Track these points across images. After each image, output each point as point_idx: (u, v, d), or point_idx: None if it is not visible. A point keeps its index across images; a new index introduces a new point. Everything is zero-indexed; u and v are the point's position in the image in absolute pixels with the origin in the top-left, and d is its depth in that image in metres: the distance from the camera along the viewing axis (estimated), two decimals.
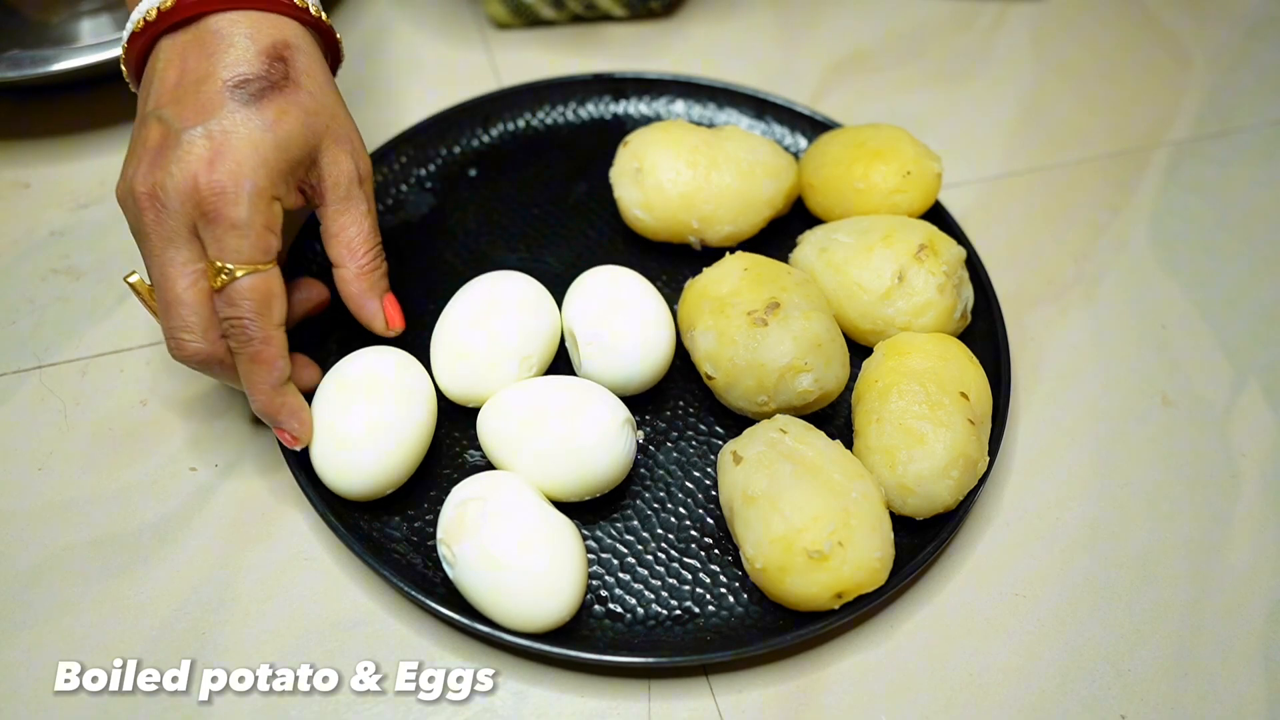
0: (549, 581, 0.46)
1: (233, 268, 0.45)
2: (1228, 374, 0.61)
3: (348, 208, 0.50)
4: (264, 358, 0.47)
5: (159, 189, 0.45)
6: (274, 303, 0.47)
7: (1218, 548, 0.54)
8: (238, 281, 0.46)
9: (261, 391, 0.48)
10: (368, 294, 0.52)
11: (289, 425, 0.49)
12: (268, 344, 0.47)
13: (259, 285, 0.46)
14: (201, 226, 0.45)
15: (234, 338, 0.47)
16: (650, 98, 0.69)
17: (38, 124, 0.68)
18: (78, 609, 0.49)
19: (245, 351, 0.47)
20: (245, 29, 0.47)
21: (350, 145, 0.50)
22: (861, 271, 0.56)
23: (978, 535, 0.54)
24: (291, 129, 0.47)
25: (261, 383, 0.48)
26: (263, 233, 0.46)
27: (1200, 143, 0.73)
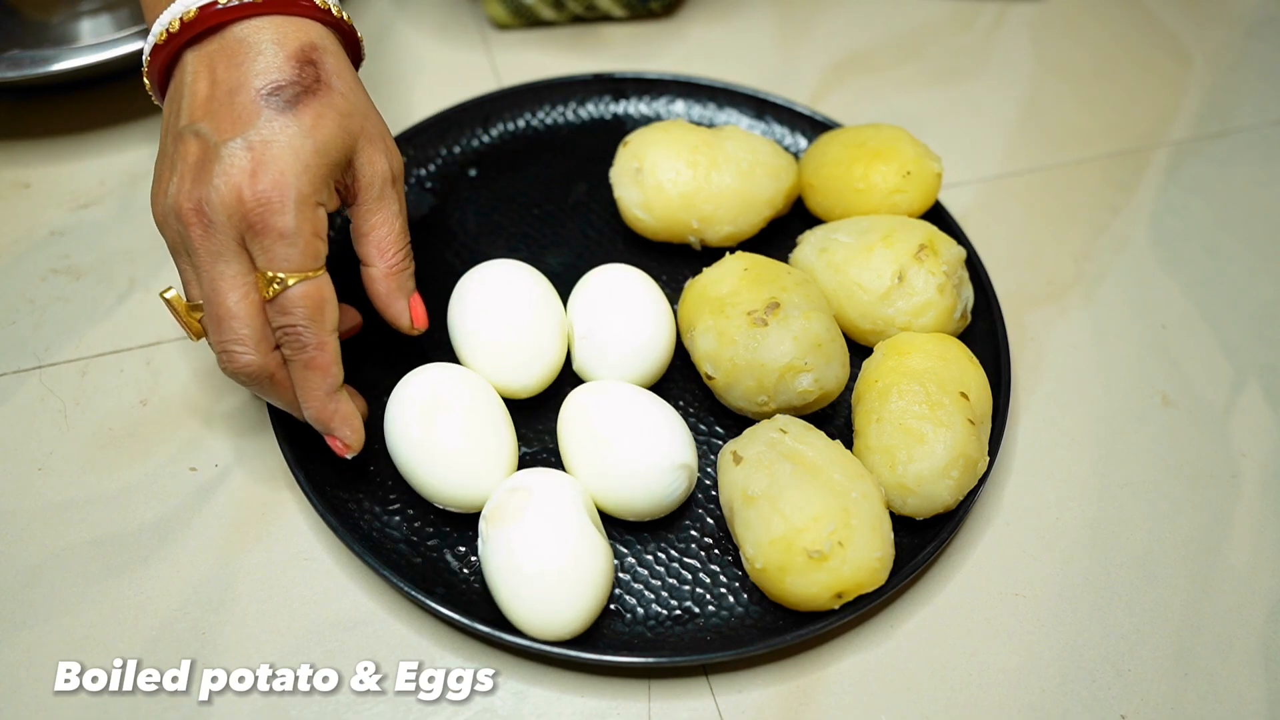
0: (562, 594, 0.46)
1: (284, 277, 0.45)
2: (1228, 374, 0.61)
3: (380, 207, 0.50)
4: (318, 364, 0.47)
5: (205, 204, 0.45)
6: (326, 308, 0.47)
7: (1218, 548, 0.54)
8: (290, 290, 0.46)
9: (316, 398, 0.48)
10: (396, 294, 0.51)
11: (341, 433, 0.49)
12: (322, 350, 0.47)
13: (311, 292, 0.46)
14: (249, 239, 0.45)
15: (288, 345, 0.47)
16: (650, 98, 0.69)
17: (38, 124, 0.68)
18: (78, 609, 0.49)
19: (300, 359, 0.47)
20: (271, 35, 0.47)
21: (384, 144, 0.50)
22: (861, 271, 0.56)
23: (978, 535, 0.54)
24: (330, 132, 0.46)
25: (316, 389, 0.48)
26: (311, 239, 0.46)
27: (1200, 143, 0.73)
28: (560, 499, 0.48)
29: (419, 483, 0.50)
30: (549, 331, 0.54)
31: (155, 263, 0.62)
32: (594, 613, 0.47)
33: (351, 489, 0.52)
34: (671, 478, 0.50)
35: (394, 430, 0.51)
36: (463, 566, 0.50)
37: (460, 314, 0.55)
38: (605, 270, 0.57)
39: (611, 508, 0.51)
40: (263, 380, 0.47)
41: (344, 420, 0.49)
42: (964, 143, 0.72)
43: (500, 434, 0.51)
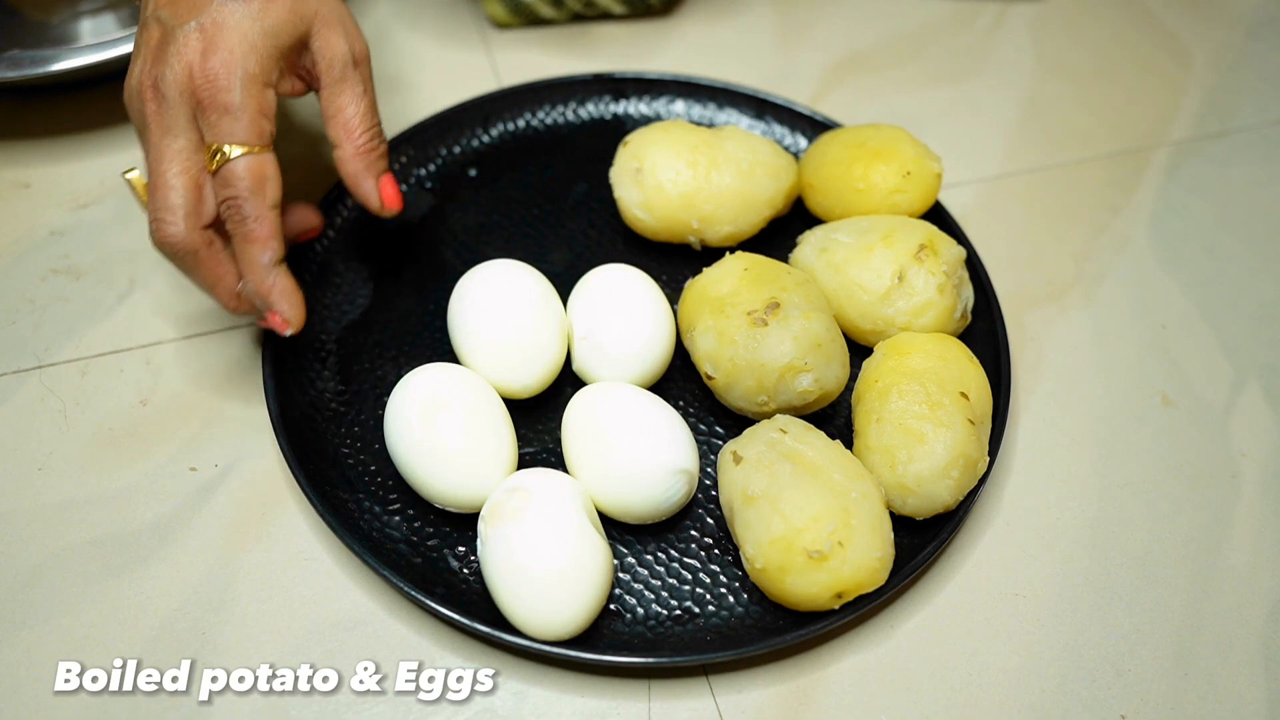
0: (562, 594, 0.46)
1: (228, 149, 0.47)
2: (1228, 374, 0.61)
3: (343, 89, 0.52)
4: (257, 236, 0.49)
5: (159, 81, 0.48)
6: (268, 184, 0.48)
7: (1218, 548, 0.54)
8: (232, 162, 0.48)
9: (255, 271, 0.49)
10: (364, 174, 0.53)
11: (280, 306, 0.50)
12: (260, 223, 0.48)
13: (253, 166, 0.48)
14: (199, 115, 0.48)
15: (230, 219, 0.48)
16: (650, 98, 0.69)
17: (38, 124, 0.68)
18: (78, 609, 0.49)
19: (241, 230, 0.48)
20: None
21: (343, 27, 0.52)
22: (861, 271, 0.56)
23: (978, 535, 0.54)
24: (279, 16, 0.49)
25: (255, 262, 0.49)
26: (256, 117, 0.48)
27: (1200, 143, 0.73)
28: (560, 499, 0.48)
29: (419, 483, 0.50)
30: (549, 331, 0.54)
31: (155, 262, 0.62)
32: (594, 613, 0.47)
33: (351, 489, 0.52)
34: (672, 482, 0.50)
35: (394, 430, 0.51)
36: (462, 567, 0.50)
37: (460, 314, 0.55)
38: (605, 270, 0.57)
39: (612, 510, 0.51)
40: (186, 255, 0.49)
41: (282, 294, 0.50)
42: (964, 143, 0.72)
43: (500, 434, 0.51)
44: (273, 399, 0.53)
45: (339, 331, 0.58)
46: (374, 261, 0.61)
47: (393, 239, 0.63)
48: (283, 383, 0.54)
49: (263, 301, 0.50)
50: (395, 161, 0.65)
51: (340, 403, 0.56)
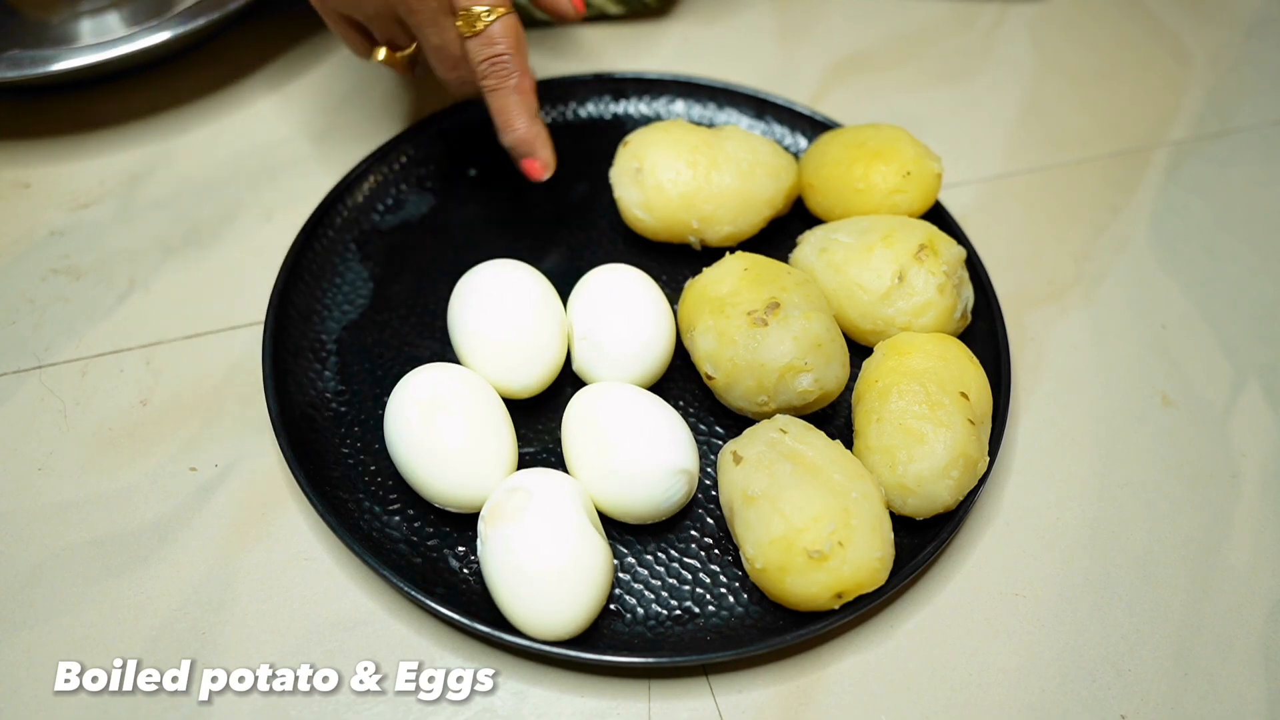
0: (562, 594, 0.46)
1: (487, 11, 0.53)
2: (1228, 374, 0.61)
3: None
4: (525, 87, 0.55)
5: None
6: (523, 40, 0.55)
7: (1218, 548, 0.54)
8: (495, 23, 0.53)
9: (522, 118, 0.55)
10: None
11: (544, 154, 0.56)
12: (526, 75, 0.55)
13: (512, 24, 0.54)
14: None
15: (495, 74, 0.54)
16: (650, 98, 0.69)
17: (38, 124, 0.68)
18: (78, 609, 0.49)
19: (509, 84, 0.55)
20: None
21: None
22: (861, 271, 0.56)
23: (978, 535, 0.54)
24: None
25: (523, 112, 0.55)
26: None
27: (1200, 143, 0.73)
28: (560, 499, 0.48)
29: (419, 483, 0.50)
30: (549, 331, 0.54)
31: (155, 262, 0.62)
32: (593, 613, 0.47)
33: (351, 489, 0.52)
34: (672, 482, 0.50)
35: (394, 430, 0.51)
36: (462, 567, 0.50)
37: (460, 314, 0.55)
38: (605, 270, 0.57)
39: (612, 510, 0.51)
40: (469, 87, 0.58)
41: (545, 142, 0.57)
42: (964, 143, 0.72)
43: (500, 434, 0.51)
44: (273, 399, 0.53)
45: (339, 331, 0.58)
46: (374, 261, 0.61)
47: (393, 239, 0.63)
48: (283, 383, 0.54)
49: (529, 149, 0.56)
50: (395, 162, 0.65)
51: (340, 403, 0.56)
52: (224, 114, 0.69)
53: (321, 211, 0.61)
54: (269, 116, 0.70)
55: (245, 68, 0.72)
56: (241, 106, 0.70)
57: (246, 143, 0.68)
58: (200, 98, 0.70)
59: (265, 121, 0.69)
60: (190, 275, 0.62)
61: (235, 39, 0.73)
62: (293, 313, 0.58)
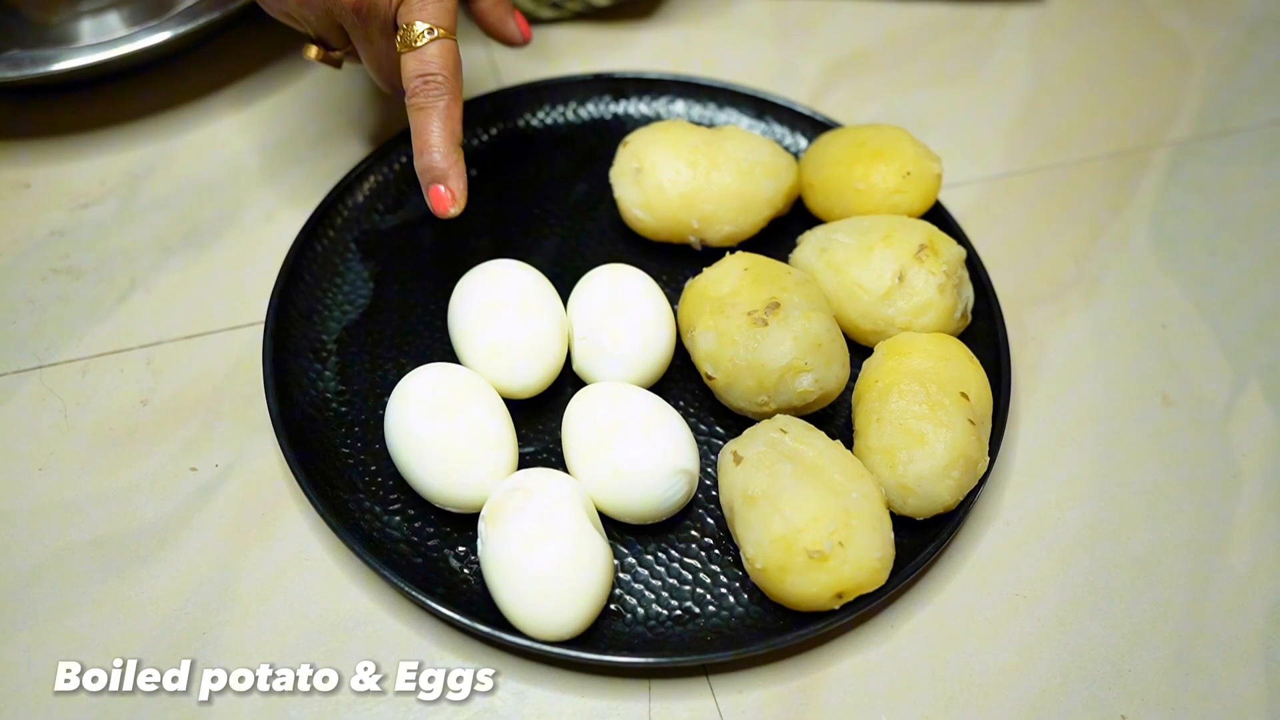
0: (562, 594, 0.46)
1: (428, 30, 0.52)
2: (1228, 374, 0.61)
3: None
4: (451, 113, 0.52)
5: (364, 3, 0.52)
6: (459, 67, 0.53)
7: (1218, 548, 0.54)
8: (431, 44, 0.52)
9: (441, 146, 0.52)
10: (506, 16, 0.61)
11: (454, 185, 0.53)
12: (456, 101, 0.53)
13: (450, 48, 0.53)
14: (404, 1, 0.52)
15: (423, 93, 0.52)
16: (650, 98, 0.69)
17: (38, 124, 0.68)
18: (78, 609, 0.49)
19: (434, 105, 0.52)
20: None
21: None
22: (861, 271, 0.56)
23: (978, 535, 0.54)
24: None
25: (444, 137, 0.52)
26: (454, 4, 0.53)
27: (1200, 143, 0.73)
28: (560, 499, 0.48)
29: (419, 483, 0.50)
30: (549, 331, 0.54)
31: (155, 262, 0.62)
32: (594, 613, 0.47)
33: (352, 489, 0.52)
34: (672, 482, 0.50)
35: (394, 430, 0.51)
36: (463, 566, 0.50)
37: (460, 314, 0.55)
38: (605, 270, 0.57)
39: (612, 510, 0.51)
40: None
41: (459, 174, 0.53)
42: (964, 143, 0.72)
43: (500, 434, 0.51)
44: (273, 399, 0.53)
45: (339, 331, 0.58)
46: (374, 261, 0.61)
47: (393, 239, 0.63)
48: (283, 383, 0.54)
49: (440, 176, 0.53)
50: (396, 162, 0.65)
51: (340, 403, 0.56)
52: (224, 114, 0.69)
53: (321, 211, 0.61)
54: (269, 116, 0.70)
55: (246, 68, 0.72)
56: (242, 106, 0.70)
57: (246, 143, 0.68)
58: (200, 98, 0.70)
59: (265, 121, 0.69)
60: (190, 275, 0.62)
61: (236, 39, 0.73)
62: (293, 313, 0.57)
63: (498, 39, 0.62)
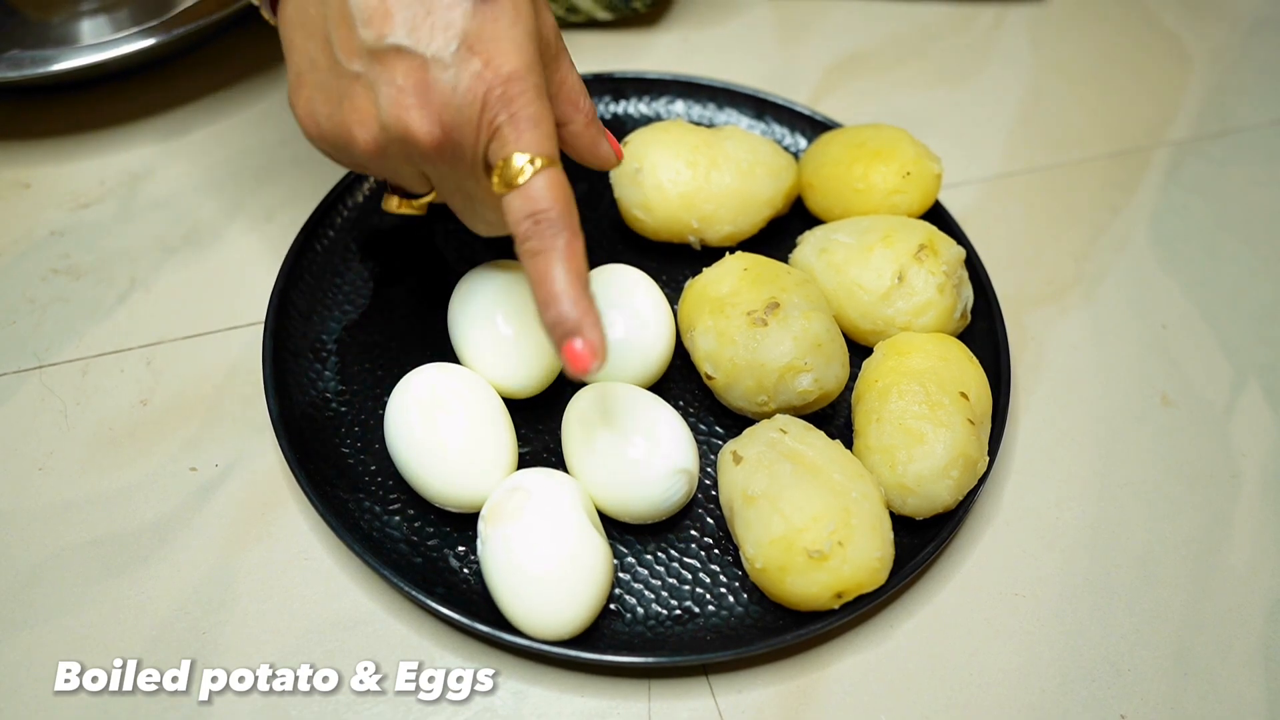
0: (562, 594, 0.46)
1: (529, 161, 0.43)
2: (1228, 374, 0.61)
3: (561, 61, 0.48)
4: (574, 253, 0.43)
5: (449, 127, 0.43)
6: (572, 198, 0.44)
7: (1218, 547, 0.54)
8: (539, 175, 0.43)
9: (570, 294, 0.42)
10: (598, 138, 0.50)
11: (591, 335, 0.43)
12: (576, 237, 0.43)
13: (558, 178, 0.43)
14: (495, 137, 0.43)
15: (538, 236, 0.43)
16: (650, 98, 0.69)
17: (38, 124, 0.68)
18: (78, 609, 0.49)
19: (557, 245, 0.43)
20: None
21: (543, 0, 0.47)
22: (861, 271, 0.56)
23: (978, 535, 0.54)
24: (526, 9, 0.43)
25: (572, 284, 0.43)
26: (552, 126, 0.44)
27: (1200, 143, 0.73)
28: (559, 499, 0.48)
29: (419, 483, 0.50)
30: None
31: (155, 262, 0.62)
32: (593, 613, 0.47)
33: (352, 489, 0.52)
34: (672, 482, 0.50)
35: (394, 430, 0.51)
36: (463, 566, 0.50)
37: (460, 314, 0.55)
38: (605, 270, 0.57)
39: (612, 510, 0.50)
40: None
41: (595, 321, 0.43)
42: (964, 143, 0.72)
43: (500, 434, 0.51)
44: (273, 399, 0.53)
45: (339, 331, 0.58)
46: (374, 261, 0.61)
47: (393, 239, 0.62)
48: (283, 383, 0.54)
49: (575, 328, 0.43)
50: None
51: (340, 403, 0.56)
52: (224, 114, 0.69)
53: (321, 211, 0.61)
54: (269, 116, 0.70)
55: (245, 68, 0.72)
56: (242, 106, 0.70)
57: (246, 143, 0.68)
58: (200, 98, 0.70)
59: (266, 121, 0.69)
60: (190, 275, 0.62)
61: (235, 39, 0.73)
62: (293, 313, 0.57)
63: (590, 164, 0.52)
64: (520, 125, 0.43)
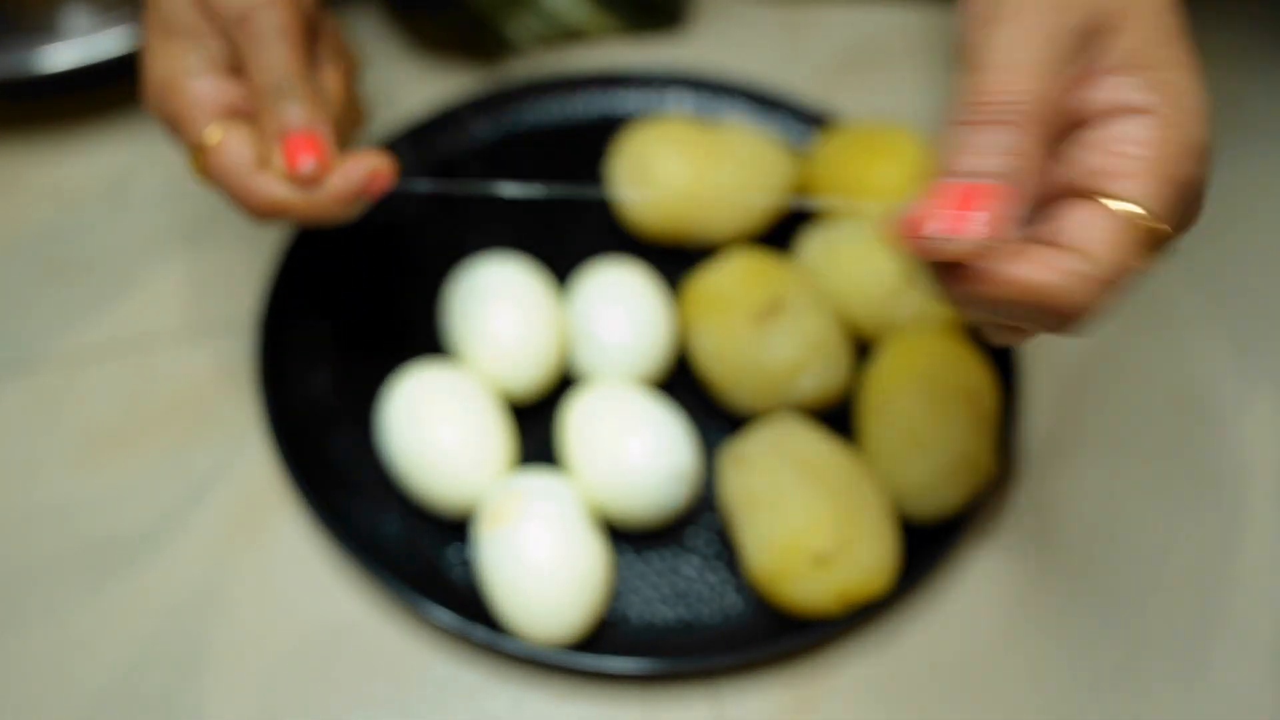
0: (560, 598, 0.45)
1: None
2: (1237, 372, 0.60)
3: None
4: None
5: None
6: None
7: (1225, 549, 0.53)
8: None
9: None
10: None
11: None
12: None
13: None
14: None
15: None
16: (650, 97, 0.69)
17: (32, 121, 0.68)
18: (71, 611, 0.49)
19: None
20: None
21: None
22: (865, 270, 0.55)
23: (983, 538, 0.53)
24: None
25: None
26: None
27: None
28: (558, 502, 0.47)
29: (414, 485, 0.50)
30: (549, 331, 0.54)
31: (147, 261, 0.61)
32: (593, 617, 0.47)
33: (346, 491, 0.52)
34: (673, 484, 0.49)
35: (390, 432, 0.50)
36: (460, 570, 0.50)
37: (459, 314, 0.54)
38: (605, 270, 0.56)
39: (612, 512, 0.50)
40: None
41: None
42: None
43: (498, 435, 0.50)
44: (268, 400, 0.53)
45: (333, 331, 0.58)
46: (373, 261, 0.61)
47: (392, 238, 0.62)
48: (278, 384, 0.54)
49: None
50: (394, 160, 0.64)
51: (334, 403, 0.55)
52: None
53: None
54: None
55: None
56: None
57: None
58: None
59: None
60: (186, 274, 0.61)
61: None
62: (286, 312, 0.57)
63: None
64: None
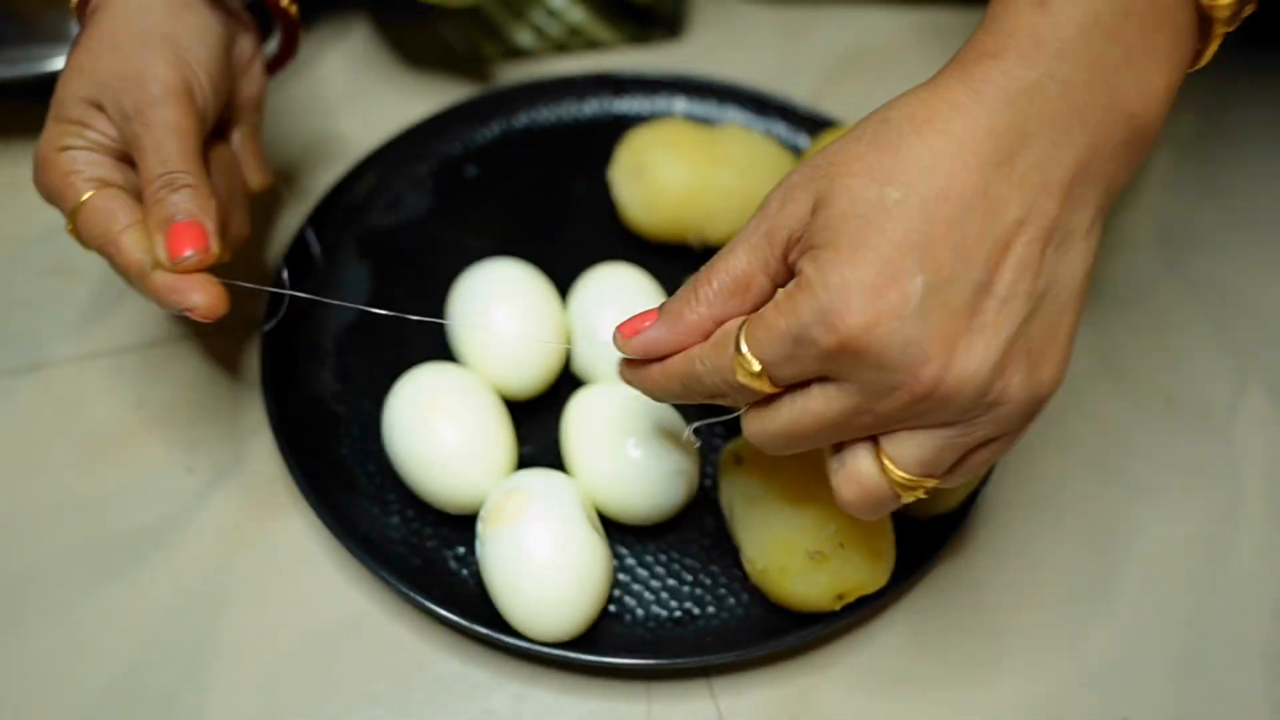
0: (561, 595, 0.46)
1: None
2: (1230, 374, 0.60)
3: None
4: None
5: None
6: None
7: (1221, 549, 0.54)
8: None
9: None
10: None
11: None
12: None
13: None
14: None
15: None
16: (650, 98, 0.69)
17: (33, 123, 0.68)
18: (75, 610, 0.49)
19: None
20: None
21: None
22: None
23: (978, 535, 0.53)
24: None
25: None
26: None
27: (1205, 140, 0.73)
28: (559, 500, 0.48)
29: (418, 484, 0.50)
30: (549, 331, 0.54)
31: None
32: (593, 614, 0.47)
33: (350, 490, 0.52)
34: (672, 482, 0.49)
35: (393, 431, 0.50)
36: (461, 568, 0.50)
37: (460, 314, 0.55)
38: (605, 270, 0.57)
39: (612, 510, 0.50)
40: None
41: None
42: None
43: (500, 434, 0.51)
44: (271, 400, 0.53)
45: (338, 331, 0.58)
46: (374, 261, 0.61)
47: (392, 239, 0.62)
48: (281, 383, 0.54)
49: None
50: (394, 161, 0.65)
51: (339, 403, 0.55)
52: None
53: (321, 211, 0.61)
54: (266, 116, 0.69)
55: None
56: None
57: None
58: None
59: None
60: None
61: None
62: (291, 313, 0.57)
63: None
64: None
